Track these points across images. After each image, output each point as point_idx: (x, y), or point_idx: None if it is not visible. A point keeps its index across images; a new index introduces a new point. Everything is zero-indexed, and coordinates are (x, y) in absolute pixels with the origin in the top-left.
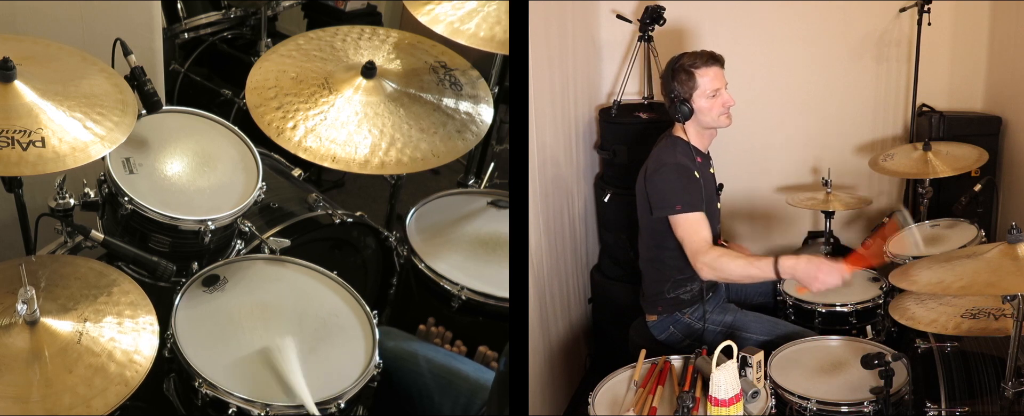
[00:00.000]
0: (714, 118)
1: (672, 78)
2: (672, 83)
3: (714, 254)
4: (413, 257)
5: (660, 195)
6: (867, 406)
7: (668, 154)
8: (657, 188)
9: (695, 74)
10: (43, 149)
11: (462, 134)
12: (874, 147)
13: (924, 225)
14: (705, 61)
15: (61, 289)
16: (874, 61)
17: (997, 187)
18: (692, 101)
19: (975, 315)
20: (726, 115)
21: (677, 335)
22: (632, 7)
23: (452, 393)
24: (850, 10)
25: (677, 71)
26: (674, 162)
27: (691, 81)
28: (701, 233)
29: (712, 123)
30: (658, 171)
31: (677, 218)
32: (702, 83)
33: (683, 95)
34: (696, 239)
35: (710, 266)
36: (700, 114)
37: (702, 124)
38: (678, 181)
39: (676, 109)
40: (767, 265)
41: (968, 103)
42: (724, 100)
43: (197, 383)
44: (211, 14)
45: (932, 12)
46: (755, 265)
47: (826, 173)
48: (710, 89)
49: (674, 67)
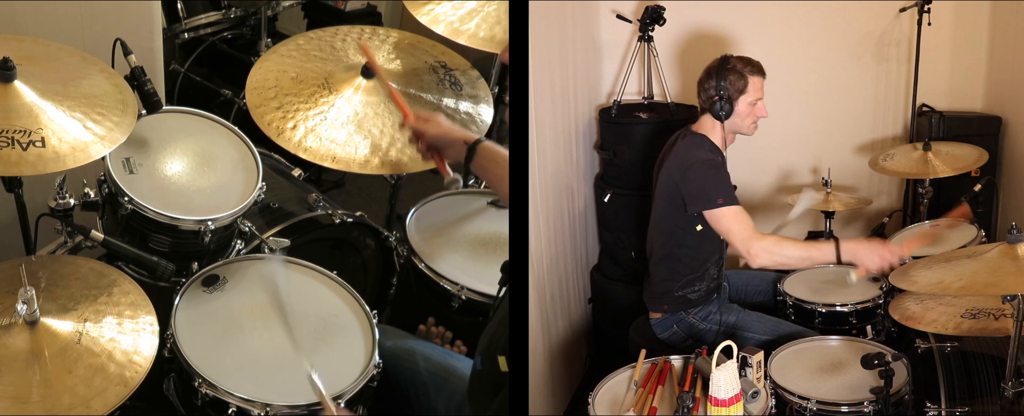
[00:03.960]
0: (746, 125)
1: (722, 76)
2: (720, 80)
3: (771, 239)
4: (413, 257)
5: (698, 190)
6: (867, 406)
7: (698, 150)
8: (693, 184)
9: (747, 78)
10: (43, 149)
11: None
12: (874, 147)
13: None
14: (756, 70)
15: (61, 289)
16: (874, 61)
17: (997, 187)
18: (735, 102)
19: (975, 315)
20: (755, 125)
21: (679, 334)
22: (632, 7)
23: (448, 391)
24: (850, 10)
25: (729, 70)
26: (707, 158)
27: (742, 82)
28: (747, 222)
29: (742, 129)
30: (692, 167)
31: (719, 211)
32: (750, 88)
33: (729, 94)
34: (744, 228)
35: (769, 251)
36: (735, 117)
37: (732, 127)
38: (716, 175)
39: (717, 106)
40: (829, 248)
41: (968, 103)
42: (759, 111)
43: (197, 383)
44: (211, 14)
45: (932, 12)
46: (816, 247)
47: (826, 173)
48: (753, 97)
49: (726, 66)
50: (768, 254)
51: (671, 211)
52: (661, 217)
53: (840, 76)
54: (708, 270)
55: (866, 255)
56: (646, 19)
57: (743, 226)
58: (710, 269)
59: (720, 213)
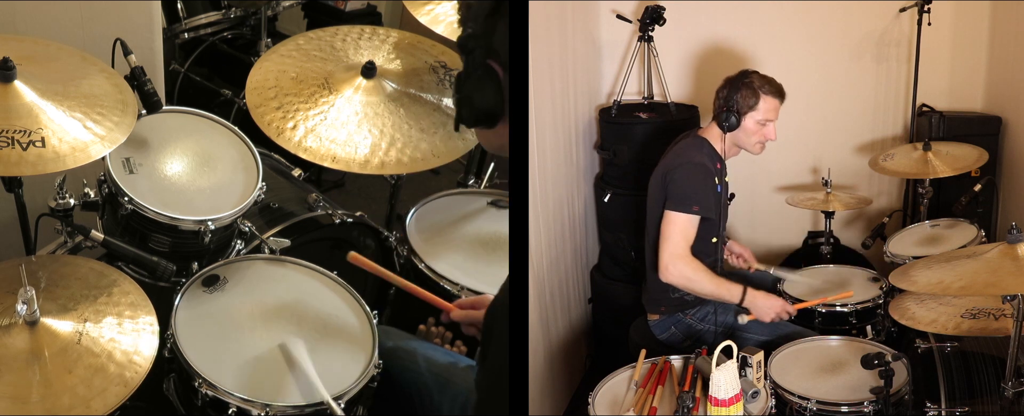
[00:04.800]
0: (751, 143)
1: (737, 89)
2: (734, 94)
3: (692, 267)
4: (413, 257)
5: (680, 189)
6: (867, 406)
7: (695, 152)
8: (677, 183)
9: (760, 97)
10: (43, 149)
11: (462, 134)
12: (874, 147)
13: (924, 225)
14: (773, 91)
15: (61, 289)
16: (874, 61)
17: (997, 187)
18: (743, 118)
19: (975, 315)
20: (761, 145)
21: (678, 335)
22: (632, 7)
23: (450, 392)
24: (850, 10)
25: (745, 85)
26: (699, 161)
27: (754, 100)
28: (689, 237)
29: (747, 146)
30: (681, 166)
31: (677, 215)
32: (761, 108)
33: (739, 108)
34: (681, 241)
35: (685, 275)
36: (741, 132)
37: (736, 141)
38: (702, 180)
39: (724, 116)
40: (737, 290)
41: (968, 103)
42: (767, 132)
43: (197, 383)
44: (211, 14)
45: (932, 12)
46: (726, 287)
47: (826, 173)
48: (763, 117)
49: (744, 80)
50: (683, 277)
51: (661, 210)
52: (654, 216)
53: (840, 76)
54: None
55: (763, 306)
56: (646, 19)
57: (681, 239)
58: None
59: (677, 216)
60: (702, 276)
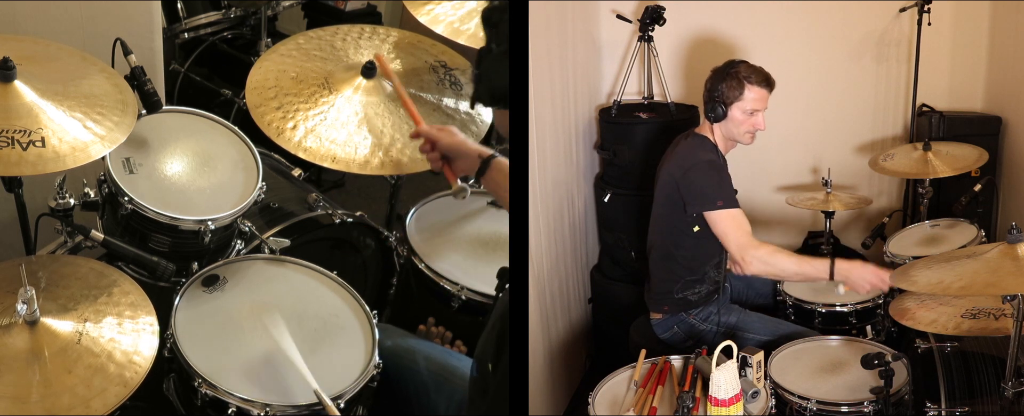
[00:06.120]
0: (740, 133)
1: (722, 80)
2: (719, 84)
3: (767, 249)
4: (413, 257)
5: (698, 191)
6: (867, 406)
7: (700, 151)
8: (694, 184)
9: (746, 86)
10: (43, 149)
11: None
12: (874, 147)
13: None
14: (759, 80)
15: (61, 289)
16: (874, 61)
17: (997, 187)
18: (729, 108)
19: (975, 315)
20: (751, 135)
21: (680, 335)
22: (632, 7)
23: (448, 390)
24: (850, 10)
25: (730, 75)
26: (708, 159)
27: (739, 90)
28: (745, 227)
29: (736, 136)
30: (693, 167)
31: (718, 214)
32: (747, 97)
33: (724, 99)
34: (741, 233)
35: (763, 261)
36: (730, 123)
37: (726, 132)
38: (716, 177)
39: (711, 107)
40: (824, 266)
41: (968, 103)
42: (756, 122)
43: (197, 383)
44: (211, 14)
45: (932, 12)
46: (810, 264)
47: (826, 173)
48: (750, 107)
49: (729, 71)
50: (762, 263)
51: (669, 211)
52: (660, 217)
53: (840, 76)
54: (707, 273)
55: (858, 278)
56: (646, 19)
57: (740, 231)
58: (709, 272)
59: (718, 216)
60: (780, 258)
